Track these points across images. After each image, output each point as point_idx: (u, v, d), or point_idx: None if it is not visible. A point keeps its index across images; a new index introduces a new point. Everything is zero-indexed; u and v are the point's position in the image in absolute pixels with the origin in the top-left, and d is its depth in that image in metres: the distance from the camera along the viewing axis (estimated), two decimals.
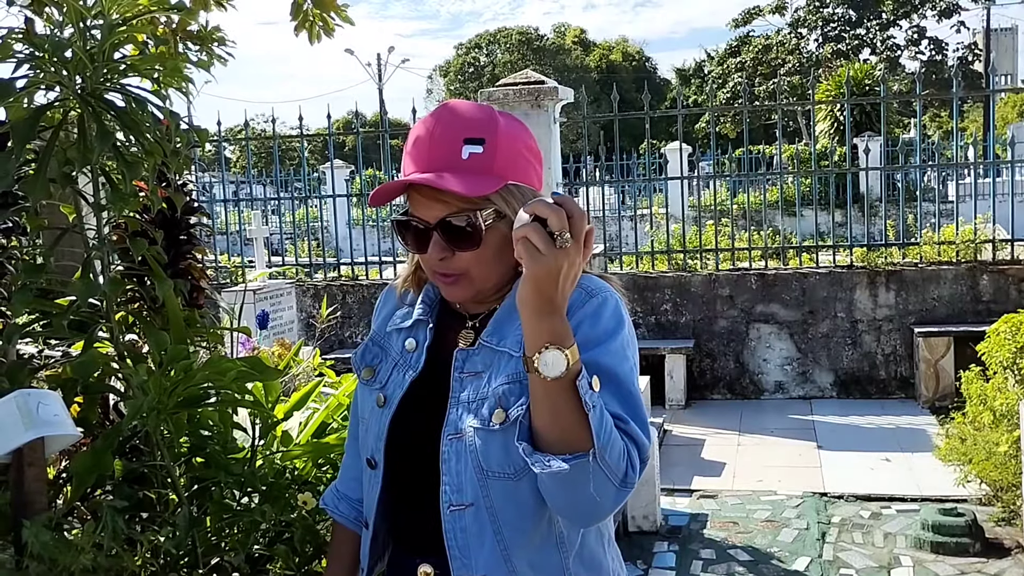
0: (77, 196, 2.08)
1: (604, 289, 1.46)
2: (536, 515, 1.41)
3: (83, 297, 2.02)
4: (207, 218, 2.79)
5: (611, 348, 1.40)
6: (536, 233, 1.21)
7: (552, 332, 1.26)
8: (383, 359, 1.59)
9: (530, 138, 1.49)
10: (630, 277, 8.39)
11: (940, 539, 4.60)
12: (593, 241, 1.28)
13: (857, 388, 8.03)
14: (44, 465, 1.73)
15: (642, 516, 5.00)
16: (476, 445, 1.40)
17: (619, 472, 1.30)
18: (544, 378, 1.26)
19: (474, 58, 54.07)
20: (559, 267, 1.22)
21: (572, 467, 1.27)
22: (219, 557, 2.06)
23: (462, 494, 1.42)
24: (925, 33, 40.01)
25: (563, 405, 1.27)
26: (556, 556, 1.44)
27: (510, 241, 1.36)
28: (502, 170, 1.41)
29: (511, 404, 1.38)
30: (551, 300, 1.25)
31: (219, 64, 2.65)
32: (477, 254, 1.43)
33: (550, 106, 6.53)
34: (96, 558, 1.62)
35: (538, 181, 1.48)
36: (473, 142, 1.41)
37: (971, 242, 7.92)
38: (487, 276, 1.46)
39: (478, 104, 1.50)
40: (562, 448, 1.28)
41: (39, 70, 1.97)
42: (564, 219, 1.22)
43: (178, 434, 2.06)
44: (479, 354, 1.46)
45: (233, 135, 10.71)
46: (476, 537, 1.41)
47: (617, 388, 1.37)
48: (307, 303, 8.85)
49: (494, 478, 1.40)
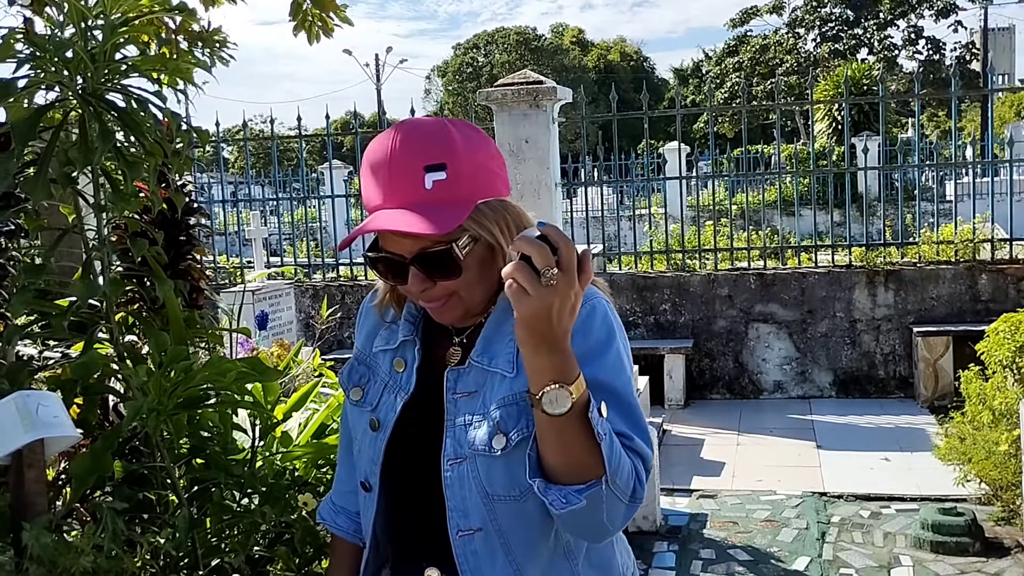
0: (77, 197, 2.07)
1: (593, 295, 1.43)
2: (544, 531, 1.40)
3: (83, 298, 2.01)
4: (207, 219, 2.78)
5: (607, 362, 1.37)
6: (521, 274, 1.17)
7: (555, 369, 1.23)
8: (371, 378, 1.55)
9: (489, 145, 1.43)
10: (629, 277, 8.40)
11: (940, 538, 4.60)
12: (591, 264, 1.23)
13: (856, 388, 8.04)
14: (44, 467, 1.73)
15: (642, 516, 4.99)
16: (479, 470, 1.38)
17: (628, 490, 1.30)
18: (551, 415, 1.24)
19: (472, 58, 54.09)
20: (548, 305, 1.18)
21: (587, 499, 1.26)
22: (219, 558, 2.05)
23: (469, 519, 1.40)
24: (923, 33, 40.05)
25: (572, 438, 1.25)
26: (566, 564, 1.44)
27: (490, 259, 1.35)
28: (468, 194, 1.36)
29: (510, 428, 1.35)
30: (548, 337, 1.21)
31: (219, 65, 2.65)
32: (459, 280, 1.39)
33: (548, 106, 6.53)
34: (96, 560, 1.62)
35: (504, 187, 1.44)
36: (434, 169, 1.35)
37: (970, 241, 7.92)
38: (473, 296, 1.43)
39: (433, 120, 1.43)
40: (573, 478, 1.27)
41: (40, 70, 1.97)
42: (548, 255, 1.17)
43: (178, 435, 2.06)
44: (470, 374, 1.43)
45: (232, 136, 10.70)
46: (487, 559, 1.41)
47: (618, 403, 1.35)
48: (306, 303, 8.85)
49: (500, 501, 1.39)
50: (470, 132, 1.42)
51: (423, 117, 1.51)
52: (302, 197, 10.62)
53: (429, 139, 1.37)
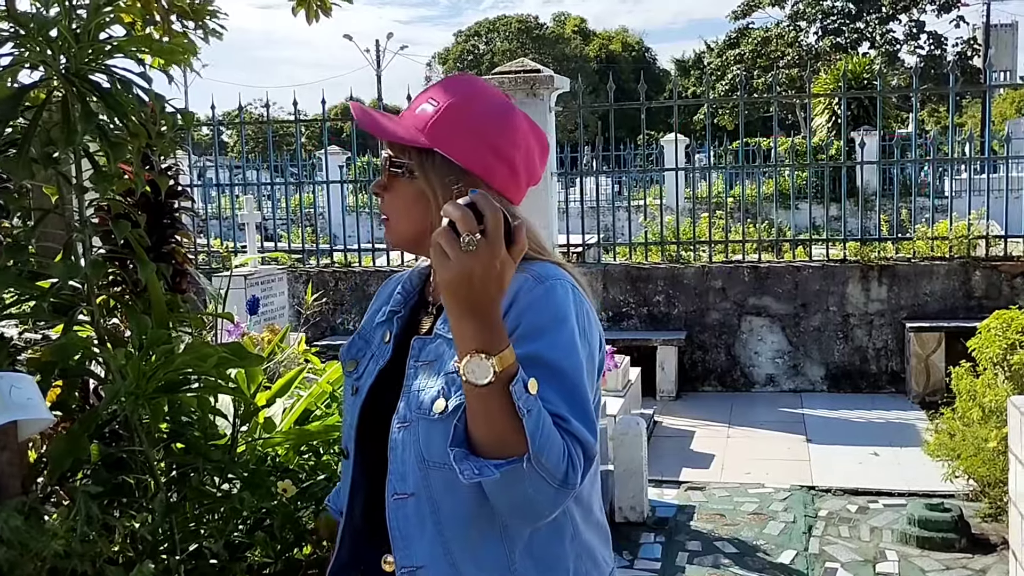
0: (60, 177, 2.05)
1: (555, 276, 1.41)
2: (477, 507, 1.37)
3: (64, 279, 2.00)
4: (191, 202, 2.77)
5: (557, 341, 1.35)
6: (444, 237, 1.19)
7: (476, 338, 1.22)
8: (366, 351, 1.59)
9: (500, 136, 1.44)
10: (623, 268, 8.39)
11: (926, 534, 4.60)
12: (523, 238, 1.23)
13: (848, 382, 8.04)
14: (17, 449, 1.72)
15: (629, 507, 5.00)
16: (419, 434, 1.39)
17: (558, 474, 1.26)
18: (472, 384, 1.23)
19: (473, 46, 53.97)
20: (468, 271, 1.18)
21: (503, 474, 1.24)
22: (197, 543, 2.05)
23: (405, 483, 1.41)
24: (924, 27, 40.00)
25: (496, 410, 1.24)
26: (500, 548, 1.39)
27: (420, 204, 1.44)
28: (434, 137, 1.43)
29: (452, 394, 1.35)
30: (471, 304, 1.21)
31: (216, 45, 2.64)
32: (389, 198, 1.49)
33: (545, 95, 6.51)
34: (70, 543, 1.61)
35: (485, 174, 1.44)
36: (432, 103, 1.46)
37: (964, 238, 7.92)
38: (398, 224, 1.50)
39: (480, 85, 1.50)
40: (498, 452, 1.25)
41: (23, 49, 1.95)
42: (471, 220, 1.18)
43: (157, 419, 2.04)
44: (434, 343, 1.44)
45: (230, 119, 10.66)
46: (417, 527, 1.40)
47: (560, 384, 1.32)
48: (299, 289, 8.82)
49: (435, 468, 1.38)
50: (490, 112, 1.46)
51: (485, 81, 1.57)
52: (298, 183, 10.56)
53: (454, 87, 1.49)
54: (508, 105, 1.49)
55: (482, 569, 1.39)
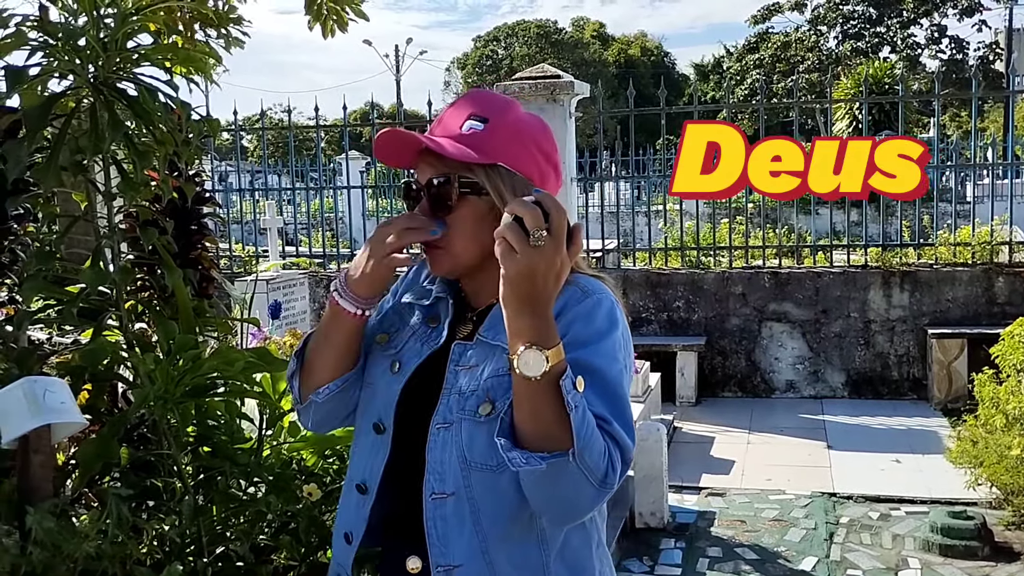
0: (89, 184, 2.09)
1: (600, 291, 1.47)
2: (517, 509, 1.40)
3: (93, 285, 2.03)
4: (218, 208, 2.80)
5: (602, 349, 1.40)
6: (511, 232, 1.22)
7: (533, 331, 1.26)
8: (400, 327, 1.59)
9: (546, 141, 1.51)
10: (643, 273, 8.38)
11: (949, 542, 4.58)
12: (581, 238, 1.28)
13: (869, 388, 7.99)
14: (50, 452, 1.74)
15: (649, 513, 4.99)
16: (462, 435, 1.41)
17: (599, 473, 1.30)
18: (524, 377, 1.26)
19: (492, 51, 53.99)
20: (534, 266, 1.23)
21: (549, 466, 1.27)
22: (224, 546, 2.06)
23: (444, 483, 1.42)
24: (946, 32, 39.70)
25: (544, 404, 1.27)
26: (536, 552, 1.43)
27: (488, 220, 1.40)
28: (495, 151, 1.44)
29: (498, 397, 1.39)
30: (531, 299, 1.25)
31: (236, 51, 2.67)
32: (457, 220, 1.45)
33: (566, 100, 6.51)
34: (100, 545, 1.63)
35: (540, 180, 1.49)
36: (478, 119, 1.46)
37: (987, 243, 7.86)
38: (463, 249, 1.47)
39: (506, 96, 1.53)
40: (542, 446, 1.28)
41: (53, 58, 1.98)
42: (539, 217, 1.22)
43: (185, 423, 2.07)
44: (475, 348, 1.47)
45: (250, 124, 10.73)
46: (456, 527, 1.41)
47: (604, 389, 1.36)
48: (320, 294, 8.86)
49: (476, 469, 1.40)
50: (535, 121, 1.52)
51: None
52: (319, 187, 10.63)
53: (488, 101, 1.50)
54: (532, 114, 1.54)
55: (518, 569, 1.41)
